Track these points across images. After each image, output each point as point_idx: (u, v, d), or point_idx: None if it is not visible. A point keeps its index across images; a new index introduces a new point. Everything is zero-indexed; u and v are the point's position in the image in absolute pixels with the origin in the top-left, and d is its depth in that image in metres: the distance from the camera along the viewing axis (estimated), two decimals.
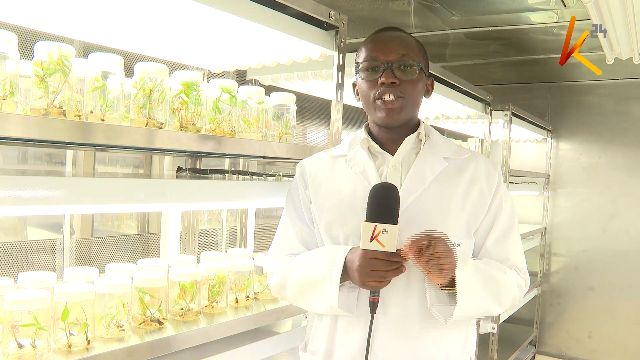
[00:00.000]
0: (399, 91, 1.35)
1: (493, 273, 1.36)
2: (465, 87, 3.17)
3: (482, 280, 1.33)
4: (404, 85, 1.35)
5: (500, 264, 1.40)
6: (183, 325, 1.59)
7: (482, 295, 1.33)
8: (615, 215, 4.71)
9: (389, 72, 1.34)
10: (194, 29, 1.70)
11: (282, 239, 1.51)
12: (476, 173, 1.42)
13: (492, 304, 1.36)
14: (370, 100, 1.38)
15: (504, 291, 1.38)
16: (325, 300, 1.33)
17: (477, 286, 1.32)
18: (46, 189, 1.17)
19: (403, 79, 1.35)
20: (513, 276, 1.40)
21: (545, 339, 4.99)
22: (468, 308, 1.31)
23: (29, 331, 1.24)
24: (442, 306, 1.34)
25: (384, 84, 1.34)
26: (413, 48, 1.39)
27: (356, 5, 3.10)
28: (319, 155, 1.54)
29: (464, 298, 1.29)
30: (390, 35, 1.40)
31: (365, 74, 1.38)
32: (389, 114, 1.36)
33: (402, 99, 1.35)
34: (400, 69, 1.35)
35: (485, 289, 1.34)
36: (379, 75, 1.35)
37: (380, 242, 1.23)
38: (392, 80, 1.34)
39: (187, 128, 1.52)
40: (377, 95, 1.36)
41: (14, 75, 1.18)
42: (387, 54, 1.35)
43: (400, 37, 1.40)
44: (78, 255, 2.36)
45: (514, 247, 1.44)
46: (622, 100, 4.71)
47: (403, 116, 1.38)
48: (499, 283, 1.36)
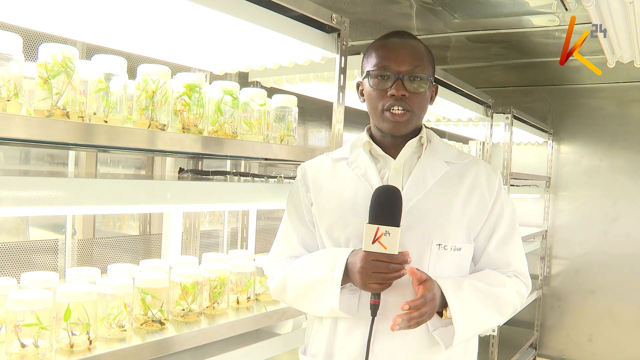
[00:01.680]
0: (407, 104, 1.35)
1: (492, 290, 1.37)
2: (466, 90, 3.18)
3: (481, 300, 1.34)
4: (413, 98, 1.35)
5: (499, 275, 1.41)
6: (184, 326, 1.59)
7: (481, 315, 1.35)
8: (616, 218, 4.71)
9: (400, 84, 1.33)
10: (197, 31, 1.70)
11: (282, 242, 1.51)
12: (477, 178, 1.43)
13: (493, 319, 1.38)
14: (379, 111, 1.38)
15: (505, 304, 1.39)
16: (326, 302, 1.33)
17: (475, 309, 1.33)
18: (48, 190, 1.18)
19: (413, 92, 1.35)
20: (513, 286, 1.40)
21: (546, 342, 4.99)
22: (467, 333, 1.33)
23: (32, 331, 1.24)
24: (443, 330, 1.35)
25: (393, 96, 1.34)
26: (425, 58, 1.38)
27: (358, 8, 3.11)
28: (321, 158, 1.55)
29: (462, 327, 1.30)
30: (402, 44, 1.38)
31: (375, 82, 1.37)
32: (397, 127, 1.37)
33: (410, 113, 1.36)
34: (411, 80, 1.35)
35: (485, 308, 1.35)
36: (389, 85, 1.34)
37: (382, 244, 1.23)
38: (402, 92, 1.33)
39: (189, 130, 1.53)
40: (386, 106, 1.36)
41: (18, 76, 1.18)
42: (399, 64, 1.34)
43: (413, 47, 1.38)
44: (80, 255, 2.36)
45: (515, 252, 1.44)
46: (623, 103, 4.71)
47: (410, 127, 1.39)
48: (498, 298, 1.37)
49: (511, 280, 1.41)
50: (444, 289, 1.29)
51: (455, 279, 1.35)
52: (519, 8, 3.06)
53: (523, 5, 3.01)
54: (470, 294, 1.32)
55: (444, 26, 3.44)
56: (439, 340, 1.35)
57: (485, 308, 1.35)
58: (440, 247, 1.35)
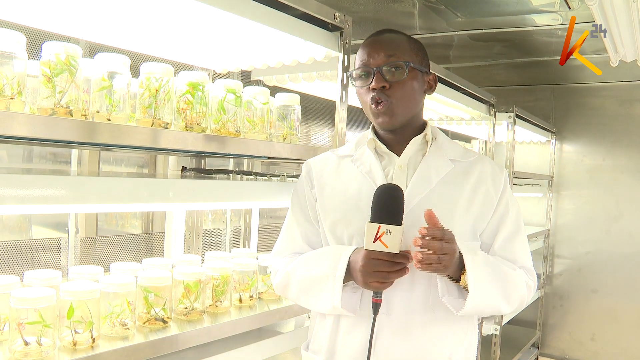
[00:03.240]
0: (385, 95, 1.34)
1: (503, 267, 1.35)
2: (469, 89, 3.17)
3: (492, 273, 1.31)
4: (394, 87, 1.35)
5: (509, 262, 1.40)
6: (187, 324, 1.59)
7: (492, 287, 1.31)
8: (619, 217, 4.70)
9: (379, 76, 1.34)
10: (200, 29, 1.70)
11: (286, 238, 1.52)
12: (482, 175, 1.42)
13: (501, 299, 1.34)
14: (368, 107, 1.39)
15: (513, 287, 1.36)
16: (328, 300, 1.33)
17: (487, 277, 1.30)
18: (51, 188, 1.18)
19: (393, 81, 1.34)
20: (522, 274, 1.39)
21: (548, 341, 4.98)
22: (478, 299, 1.28)
23: (35, 329, 1.25)
24: (452, 298, 1.32)
25: (375, 90, 1.34)
26: (401, 47, 1.37)
27: (361, 7, 3.11)
28: (326, 155, 1.55)
29: (475, 288, 1.27)
30: (378, 39, 1.40)
31: (359, 81, 1.39)
32: (383, 119, 1.37)
33: (389, 102, 1.35)
34: (388, 71, 1.35)
35: (496, 282, 1.32)
36: (370, 80, 1.35)
37: (383, 242, 1.23)
38: (381, 84, 1.34)
39: (192, 128, 1.53)
40: (371, 101, 1.36)
41: (22, 75, 1.18)
42: (376, 58, 1.36)
43: (388, 39, 1.39)
44: (82, 254, 2.37)
45: (521, 249, 1.43)
46: (626, 102, 4.70)
47: (399, 118, 1.38)
48: (508, 277, 1.35)
49: (520, 270, 1.40)
50: (461, 249, 1.27)
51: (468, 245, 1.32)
52: (522, 7, 3.06)
53: (526, 3, 3.00)
54: (483, 260, 1.31)
55: (446, 25, 3.44)
56: (449, 305, 1.31)
57: (496, 280, 1.32)
58: None
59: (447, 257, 1.22)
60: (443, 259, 1.21)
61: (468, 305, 1.28)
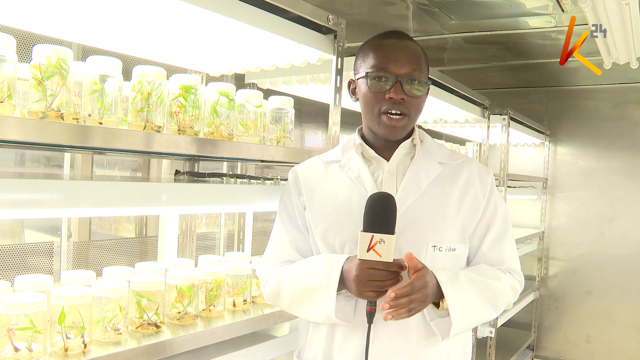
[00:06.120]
0: (405, 107, 1.33)
1: (487, 282, 1.36)
2: (463, 92, 3.18)
3: (476, 292, 1.33)
4: (411, 101, 1.34)
5: (494, 270, 1.40)
6: (180, 328, 1.58)
7: (477, 307, 1.33)
8: (613, 219, 4.71)
9: (399, 87, 1.32)
10: (192, 32, 1.70)
11: (275, 246, 1.50)
12: (470, 177, 1.42)
13: (488, 312, 1.36)
14: (375, 114, 1.36)
15: (500, 297, 1.38)
16: (322, 309, 1.32)
17: (470, 301, 1.31)
18: (44, 192, 1.17)
19: (411, 95, 1.33)
20: (507, 281, 1.40)
21: (543, 343, 4.99)
22: (464, 324, 1.31)
23: (26, 334, 1.23)
24: (441, 320, 1.33)
25: (392, 99, 1.32)
26: (422, 61, 1.37)
27: (355, 10, 3.11)
28: (312, 161, 1.53)
29: (458, 318, 1.29)
30: (401, 45, 1.36)
31: (373, 84, 1.34)
32: (393, 132, 1.36)
33: (407, 117, 1.35)
34: (409, 83, 1.33)
35: (480, 300, 1.33)
36: (387, 88, 1.32)
37: (377, 252, 1.22)
38: (401, 96, 1.32)
39: (185, 131, 1.52)
40: (383, 109, 1.34)
41: (12, 78, 1.17)
42: (399, 66, 1.32)
43: (412, 49, 1.37)
44: (75, 258, 2.35)
45: (508, 250, 1.44)
46: (619, 104, 4.72)
47: (405, 132, 1.39)
48: (494, 291, 1.36)
49: (505, 275, 1.41)
50: (440, 280, 1.28)
51: (451, 269, 1.34)
52: (516, 9, 3.07)
53: (519, 6, 3.01)
54: (466, 285, 1.31)
55: (440, 27, 3.44)
56: (436, 331, 1.33)
57: (480, 300, 1.33)
58: (436, 249, 1.34)
59: (419, 302, 1.23)
60: (414, 308, 1.23)
61: (452, 333, 1.30)
